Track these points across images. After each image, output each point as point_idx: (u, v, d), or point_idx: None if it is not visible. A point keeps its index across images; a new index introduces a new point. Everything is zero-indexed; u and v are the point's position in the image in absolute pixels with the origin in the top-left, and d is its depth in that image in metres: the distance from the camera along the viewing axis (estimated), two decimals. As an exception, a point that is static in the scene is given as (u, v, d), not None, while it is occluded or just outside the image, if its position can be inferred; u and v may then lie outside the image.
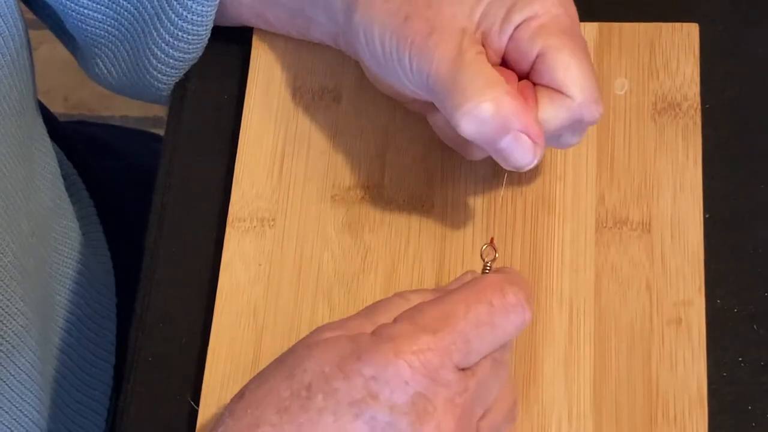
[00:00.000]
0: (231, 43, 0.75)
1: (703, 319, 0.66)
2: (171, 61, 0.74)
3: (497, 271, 0.62)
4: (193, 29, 0.72)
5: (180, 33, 0.72)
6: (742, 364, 0.66)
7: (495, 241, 0.65)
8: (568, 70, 0.62)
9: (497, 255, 0.65)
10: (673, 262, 0.68)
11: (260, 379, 0.58)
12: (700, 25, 0.73)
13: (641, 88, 0.72)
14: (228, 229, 0.71)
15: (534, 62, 0.63)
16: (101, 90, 0.84)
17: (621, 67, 0.72)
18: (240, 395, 0.58)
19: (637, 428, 0.64)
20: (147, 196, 0.74)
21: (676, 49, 0.72)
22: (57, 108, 1.69)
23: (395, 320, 0.57)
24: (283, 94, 0.74)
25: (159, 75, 0.75)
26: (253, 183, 0.72)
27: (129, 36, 0.74)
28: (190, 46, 0.73)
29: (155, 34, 0.72)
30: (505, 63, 0.65)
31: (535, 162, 0.62)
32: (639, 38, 0.73)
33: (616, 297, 0.67)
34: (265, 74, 0.74)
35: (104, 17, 0.74)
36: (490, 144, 0.62)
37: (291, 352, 0.58)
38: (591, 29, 0.73)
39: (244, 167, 0.72)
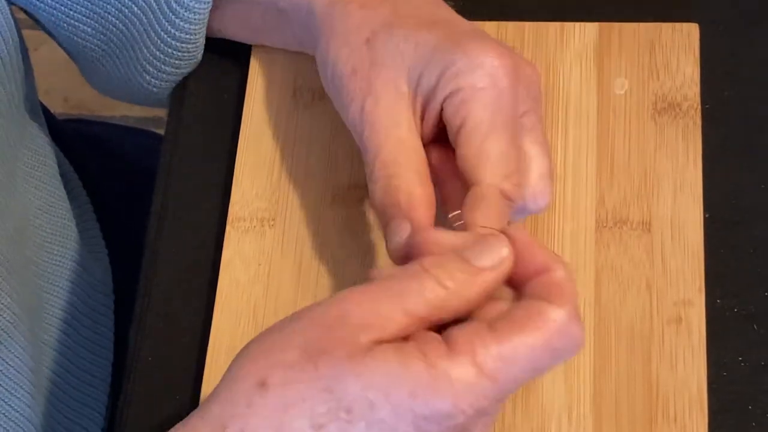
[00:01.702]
0: (231, 43, 0.75)
1: (703, 319, 0.66)
2: (164, 75, 0.74)
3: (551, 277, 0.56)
4: (182, 46, 0.72)
5: (170, 50, 0.72)
6: (742, 364, 0.66)
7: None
8: (480, 150, 0.61)
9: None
10: (673, 262, 0.68)
11: (284, 368, 0.54)
12: (700, 25, 0.73)
13: (641, 88, 0.72)
14: (228, 229, 0.71)
15: (455, 136, 0.63)
16: (101, 90, 0.84)
17: (621, 67, 0.72)
18: (261, 383, 0.54)
19: (637, 428, 0.64)
20: (147, 196, 0.74)
21: (676, 49, 0.72)
22: (57, 108, 1.69)
23: (453, 351, 0.53)
24: (283, 94, 0.74)
25: (153, 89, 0.75)
26: (253, 183, 0.72)
27: (119, 51, 0.75)
28: (182, 62, 0.73)
29: (145, 50, 0.73)
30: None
31: (402, 250, 0.61)
32: (639, 38, 0.73)
33: (616, 297, 0.67)
34: (265, 74, 0.74)
35: (94, 31, 0.74)
36: (383, 217, 0.63)
37: (324, 354, 0.53)
38: (591, 29, 0.73)
39: (244, 167, 0.72)
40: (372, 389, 0.52)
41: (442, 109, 0.63)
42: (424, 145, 0.64)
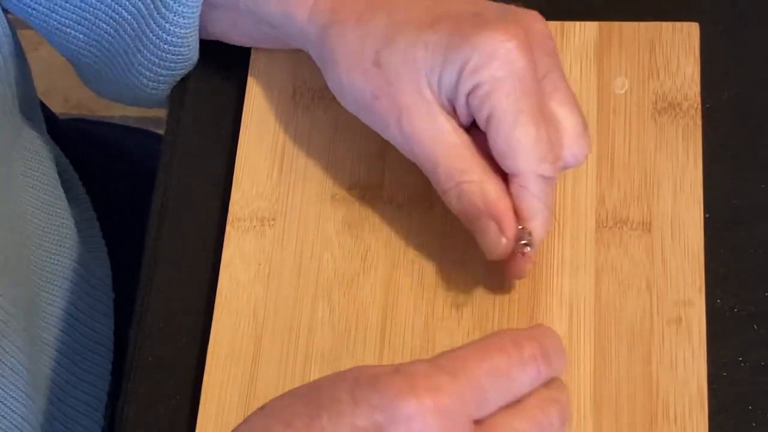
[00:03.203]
0: (230, 44, 0.75)
1: (703, 319, 0.66)
2: (160, 77, 0.74)
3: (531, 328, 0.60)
4: (175, 50, 0.72)
5: (163, 54, 0.72)
6: (743, 364, 0.66)
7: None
8: (509, 140, 0.63)
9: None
10: (673, 262, 0.67)
11: (286, 394, 0.56)
12: (700, 25, 0.73)
13: (641, 88, 0.72)
14: (228, 229, 0.71)
15: (486, 128, 0.64)
16: (101, 90, 0.84)
17: (621, 66, 0.72)
18: (262, 407, 0.56)
19: (637, 428, 0.64)
20: (147, 196, 0.74)
21: (677, 48, 0.72)
22: (57, 108, 1.68)
23: (416, 361, 0.55)
24: (283, 94, 0.74)
25: (151, 90, 0.75)
26: (253, 183, 0.72)
27: (112, 57, 0.75)
28: (177, 65, 0.73)
29: (139, 55, 0.73)
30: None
31: (503, 248, 0.64)
32: (639, 37, 0.73)
33: (616, 297, 0.67)
34: (265, 74, 0.74)
35: (86, 38, 0.74)
36: (468, 222, 0.65)
37: (327, 378, 0.56)
38: (591, 29, 0.73)
39: (244, 167, 0.72)
40: (343, 389, 0.54)
41: (467, 103, 0.64)
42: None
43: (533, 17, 0.65)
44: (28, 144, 0.79)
